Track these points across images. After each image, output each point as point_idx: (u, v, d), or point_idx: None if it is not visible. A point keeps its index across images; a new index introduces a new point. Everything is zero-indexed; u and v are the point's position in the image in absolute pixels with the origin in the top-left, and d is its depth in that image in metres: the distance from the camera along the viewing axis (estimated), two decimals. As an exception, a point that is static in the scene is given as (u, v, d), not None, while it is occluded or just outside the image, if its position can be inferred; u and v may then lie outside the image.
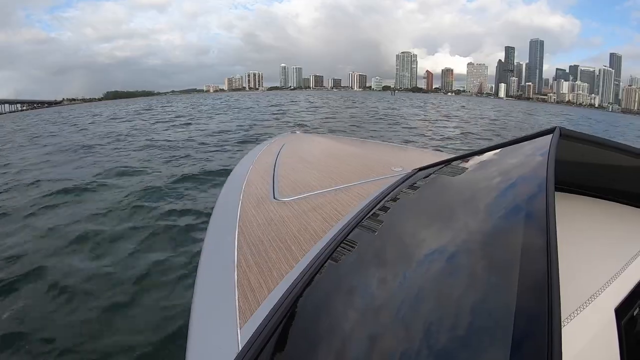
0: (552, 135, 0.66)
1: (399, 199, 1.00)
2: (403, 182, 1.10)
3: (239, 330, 0.62)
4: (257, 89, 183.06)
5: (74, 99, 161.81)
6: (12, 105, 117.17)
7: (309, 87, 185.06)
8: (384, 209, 0.94)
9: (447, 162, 1.07)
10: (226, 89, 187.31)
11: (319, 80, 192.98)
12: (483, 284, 0.49)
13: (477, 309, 0.45)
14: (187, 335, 0.67)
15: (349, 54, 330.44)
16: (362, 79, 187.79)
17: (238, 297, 0.71)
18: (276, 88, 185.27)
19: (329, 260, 0.71)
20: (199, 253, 0.99)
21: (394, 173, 1.29)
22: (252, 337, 0.56)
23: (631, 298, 0.62)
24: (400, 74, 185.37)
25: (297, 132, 2.73)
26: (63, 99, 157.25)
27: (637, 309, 0.63)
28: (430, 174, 1.09)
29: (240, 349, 0.56)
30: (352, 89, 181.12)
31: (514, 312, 0.38)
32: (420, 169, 1.17)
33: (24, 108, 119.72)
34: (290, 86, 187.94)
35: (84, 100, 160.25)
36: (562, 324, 0.41)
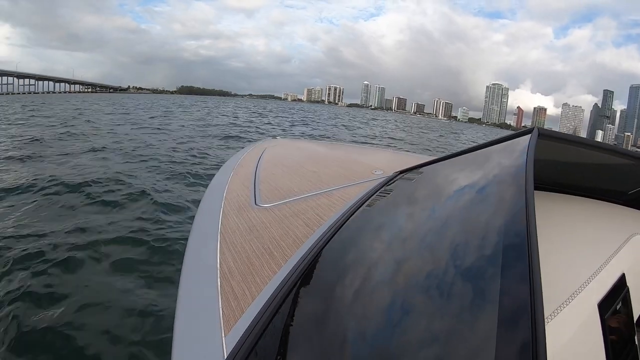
0: (530, 135, 0.67)
1: (380, 202, 1.00)
2: (384, 185, 1.10)
3: (223, 338, 0.62)
4: (337, 103, 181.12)
5: (141, 88, 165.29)
6: (73, 86, 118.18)
7: (391, 109, 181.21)
8: (366, 212, 0.94)
9: (427, 164, 1.09)
10: (304, 99, 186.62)
11: (401, 103, 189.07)
12: (465, 284, 0.49)
13: (460, 309, 0.45)
14: (171, 344, 0.66)
15: (428, 79, 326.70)
16: (448, 108, 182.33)
17: (221, 305, 0.71)
18: (356, 105, 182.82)
19: (311, 266, 0.72)
20: (181, 261, 0.98)
21: (375, 176, 1.28)
22: (237, 345, 0.56)
23: (613, 293, 0.64)
24: (489, 106, 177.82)
25: (278, 137, 2.68)
26: (129, 86, 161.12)
27: (620, 303, 0.65)
28: (411, 176, 1.11)
29: (225, 356, 0.56)
30: (436, 116, 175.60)
31: (497, 311, 0.38)
32: (401, 172, 1.18)
33: (87, 90, 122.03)
34: (371, 105, 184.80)
35: (153, 91, 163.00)
36: (546, 320, 0.41)
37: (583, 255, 0.70)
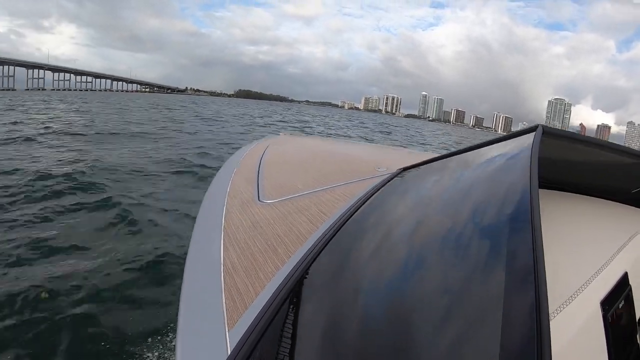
0: (534, 133, 0.67)
1: (384, 199, 1.01)
2: (388, 182, 1.11)
3: (227, 334, 0.62)
4: (394, 113, 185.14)
5: (199, 90, 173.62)
6: (130, 85, 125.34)
7: (449, 121, 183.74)
8: (369, 209, 0.94)
9: (431, 161, 1.11)
10: (361, 108, 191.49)
11: (460, 115, 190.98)
12: (470, 282, 0.49)
13: (465, 306, 0.45)
14: (176, 339, 0.66)
15: (486, 91, 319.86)
16: (508, 122, 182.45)
17: (225, 301, 0.71)
18: (414, 116, 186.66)
19: (315, 262, 0.72)
20: (184, 256, 0.98)
21: (379, 173, 1.28)
22: (241, 341, 0.56)
23: (616, 291, 0.64)
24: (551, 122, 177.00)
25: (281, 133, 2.79)
26: (186, 87, 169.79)
27: (622, 301, 0.65)
28: (415, 173, 1.13)
29: (229, 352, 0.57)
30: (495, 131, 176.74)
31: (502, 308, 0.38)
32: (405, 169, 1.20)
33: (145, 90, 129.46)
34: (429, 117, 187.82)
35: (211, 94, 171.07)
36: (550, 318, 0.40)
37: (586, 253, 0.71)
